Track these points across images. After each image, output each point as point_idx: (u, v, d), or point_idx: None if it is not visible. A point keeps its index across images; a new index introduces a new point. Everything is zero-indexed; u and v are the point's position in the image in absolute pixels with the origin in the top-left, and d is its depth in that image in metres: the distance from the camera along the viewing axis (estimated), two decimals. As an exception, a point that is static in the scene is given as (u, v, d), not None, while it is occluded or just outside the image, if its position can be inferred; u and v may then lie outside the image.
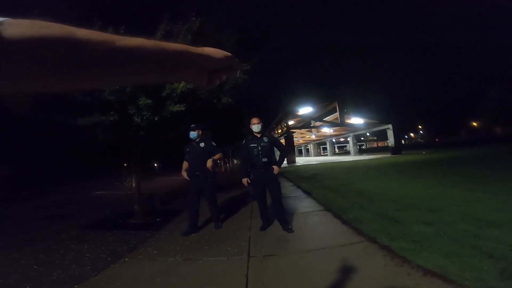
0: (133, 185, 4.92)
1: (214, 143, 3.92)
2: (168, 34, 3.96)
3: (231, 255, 2.87)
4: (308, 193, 6.15)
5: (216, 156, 3.91)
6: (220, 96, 4.80)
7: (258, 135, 3.60)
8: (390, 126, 21.64)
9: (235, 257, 2.80)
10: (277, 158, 3.68)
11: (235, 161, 32.36)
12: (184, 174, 3.96)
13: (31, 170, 22.34)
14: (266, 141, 3.58)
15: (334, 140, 40.56)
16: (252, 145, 3.58)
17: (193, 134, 3.85)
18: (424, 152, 19.62)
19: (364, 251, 2.59)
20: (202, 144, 3.87)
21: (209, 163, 3.79)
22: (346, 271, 2.22)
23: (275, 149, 3.70)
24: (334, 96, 21.86)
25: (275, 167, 3.55)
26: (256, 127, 3.58)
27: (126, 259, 3.06)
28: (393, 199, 4.71)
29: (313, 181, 8.33)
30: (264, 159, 3.52)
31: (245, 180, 3.62)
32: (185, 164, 3.99)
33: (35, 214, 7.73)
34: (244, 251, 2.92)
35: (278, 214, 3.58)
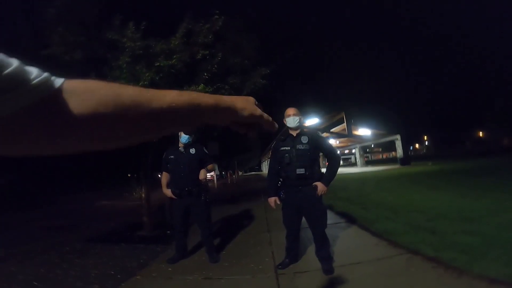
0: (143, 195, 4.68)
1: (206, 150, 3.19)
2: (189, 33, 3.83)
3: (256, 273, 2.56)
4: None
5: (209, 167, 3.18)
6: None
7: (294, 133, 2.46)
8: (398, 136, 21.30)
9: (261, 275, 2.50)
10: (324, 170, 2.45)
11: (240, 173, 32.15)
12: (167, 191, 3.03)
13: (32, 179, 21.91)
14: (305, 142, 2.37)
15: (339, 151, 40.23)
16: (284, 148, 2.43)
17: (185, 138, 2.95)
18: (430, 163, 19.03)
19: (408, 264, 2.30)
20: (192, 150, 3.03)
21: (203, 174, 3.04)
22: (393, 287, 1.93)
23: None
24: (341, 107, 21.52)
25: (319, 184, 2.34)
26: (291, 120, 2.42)
27: (138, 277, 2.76)
28: (419, 209, 4.39)
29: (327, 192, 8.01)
30: (300, 170, 2.33)
31: (272, 201, 2.48)
32: (166, 177, 3.12)
33: (36, 224, 7.44)
34: (270, 268, 2.62)
35: (319, 252, 2.46)
